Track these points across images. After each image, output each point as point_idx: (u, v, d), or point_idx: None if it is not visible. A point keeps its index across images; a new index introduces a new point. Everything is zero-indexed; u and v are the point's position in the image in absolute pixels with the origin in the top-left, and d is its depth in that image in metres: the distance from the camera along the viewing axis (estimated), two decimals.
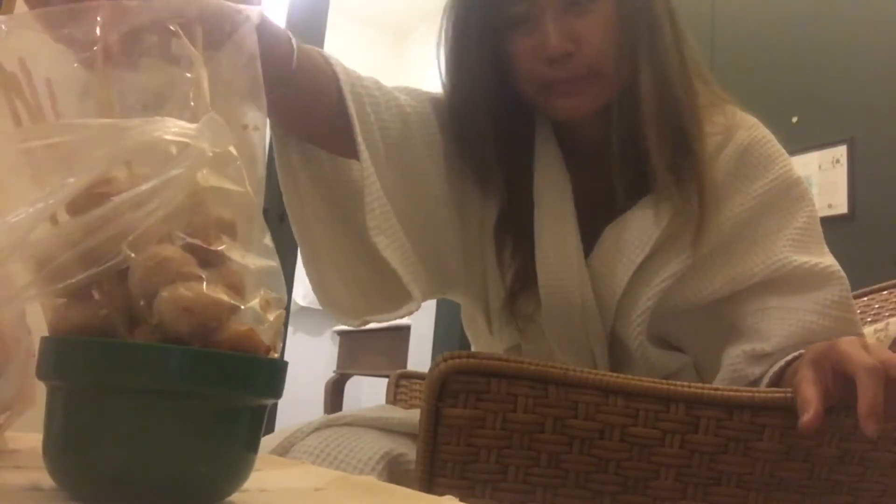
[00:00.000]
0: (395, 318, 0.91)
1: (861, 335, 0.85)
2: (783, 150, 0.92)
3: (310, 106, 0.76)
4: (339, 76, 0.77)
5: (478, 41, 0.84)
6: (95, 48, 0.38)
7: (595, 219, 0.89)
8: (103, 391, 0.33)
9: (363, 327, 3.93)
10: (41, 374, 0.35)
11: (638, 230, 0.86)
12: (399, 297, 0.86)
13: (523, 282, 0.90)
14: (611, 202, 0.89)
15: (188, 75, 0.38)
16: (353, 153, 0.78)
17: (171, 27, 0.39)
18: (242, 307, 0.36)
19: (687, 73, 0.85)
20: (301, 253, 0.87)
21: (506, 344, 0.96)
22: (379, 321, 0.92)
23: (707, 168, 0.84)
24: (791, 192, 0.89)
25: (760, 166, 0.88)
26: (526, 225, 0.89)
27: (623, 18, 0.80)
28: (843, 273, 0.86)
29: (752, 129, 0.91)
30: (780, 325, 0.83)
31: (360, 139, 0.76)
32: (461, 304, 1.04)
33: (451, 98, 0.90)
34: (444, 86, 0.91)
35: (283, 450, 0.81)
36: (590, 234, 0.89)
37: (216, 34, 0.41)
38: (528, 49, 0.81)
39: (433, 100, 0.90)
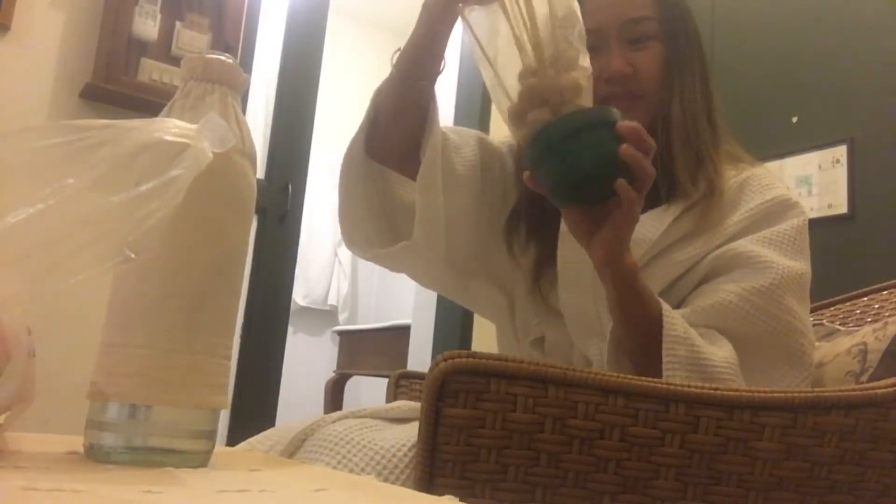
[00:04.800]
0: (391, 260, 1.05)
1: (784, 328, 0.89)
2: (783, 184, 1.02)
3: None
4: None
5: None
6: None
7: None
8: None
9: (363, 327, 3.90)
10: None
11: (646, 229, 0.94)
12: (399, 234, 1.03)
13: (544, 262, 1.01)
14: None
15: None
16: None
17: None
18: None
19: (710, 110, 1.02)
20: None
21: (530, 337, 1.04)
22: (379, 260, 1.06)
23: (719, 179, 0.97)
24: (781, 207, 0.96)
25: (758, 191, 0.98)
26: (547, 214, 0.99)
27: (667, 60, 1.00)
28: (787, 271, 0.90)
29: (755, 169, 1.03)
30: (701, 299, 0.89)
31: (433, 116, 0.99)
32: (488, 307, 1.11)
33: None
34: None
35: (305, 435, 0.83)
36: None
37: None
38: (594, 72, 0.96)
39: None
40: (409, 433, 0.78)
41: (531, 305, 1.03)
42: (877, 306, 1.20)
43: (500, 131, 1.05)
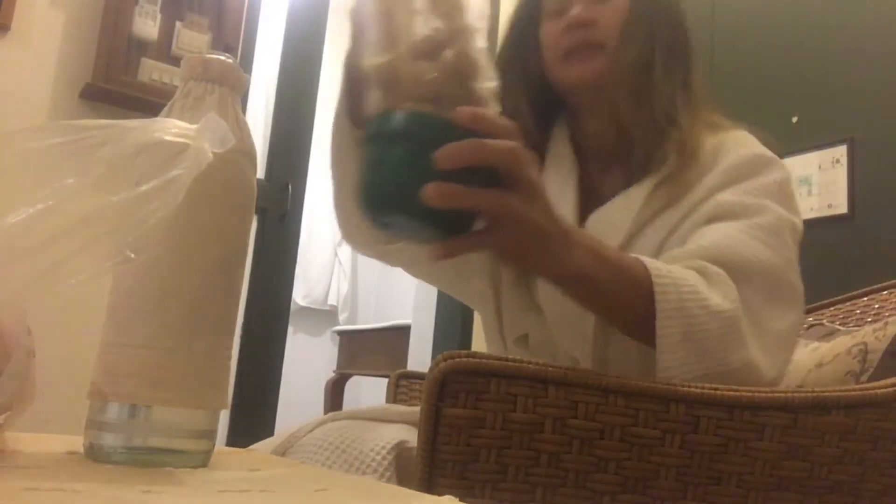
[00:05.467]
0: (393, 257, 1.01)
1: (786, 264, 0.86)
2: (759, 144, 0.97)
3: None
4: None
5: (523, 31, 1.06)
6: None
7: (592, 210, 0.97)
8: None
9: (363, 327, 3.89)
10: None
11: (620, 212, 0.93)
12: None
13: None
14: (608, 197, 0.96)
15: None
16: None
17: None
18: None
19: (686, 72, 0.99)
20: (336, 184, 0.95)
21: (514, 335, 1.02)
22: (382, 256, 1.02)
23: (690, 141, 0.94)
24: (760, 162, 0.93)
25: (734, 149, 0.95)
26: None
27: (631, 16, 0.98)
28: (782, 214, 0.87)
29: (734, 132, 0.99)
30: (703, 238, 0.85)
31: None
32: (478, 300, 1.08)
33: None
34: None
35: (288, 444, 0.83)
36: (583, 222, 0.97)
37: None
38: (558, 27, 1.00)
39: None
40: (391, 434, 0.77)
41: (516, 300, 1.01)
42: (877, 306, 1.20)
43: None
